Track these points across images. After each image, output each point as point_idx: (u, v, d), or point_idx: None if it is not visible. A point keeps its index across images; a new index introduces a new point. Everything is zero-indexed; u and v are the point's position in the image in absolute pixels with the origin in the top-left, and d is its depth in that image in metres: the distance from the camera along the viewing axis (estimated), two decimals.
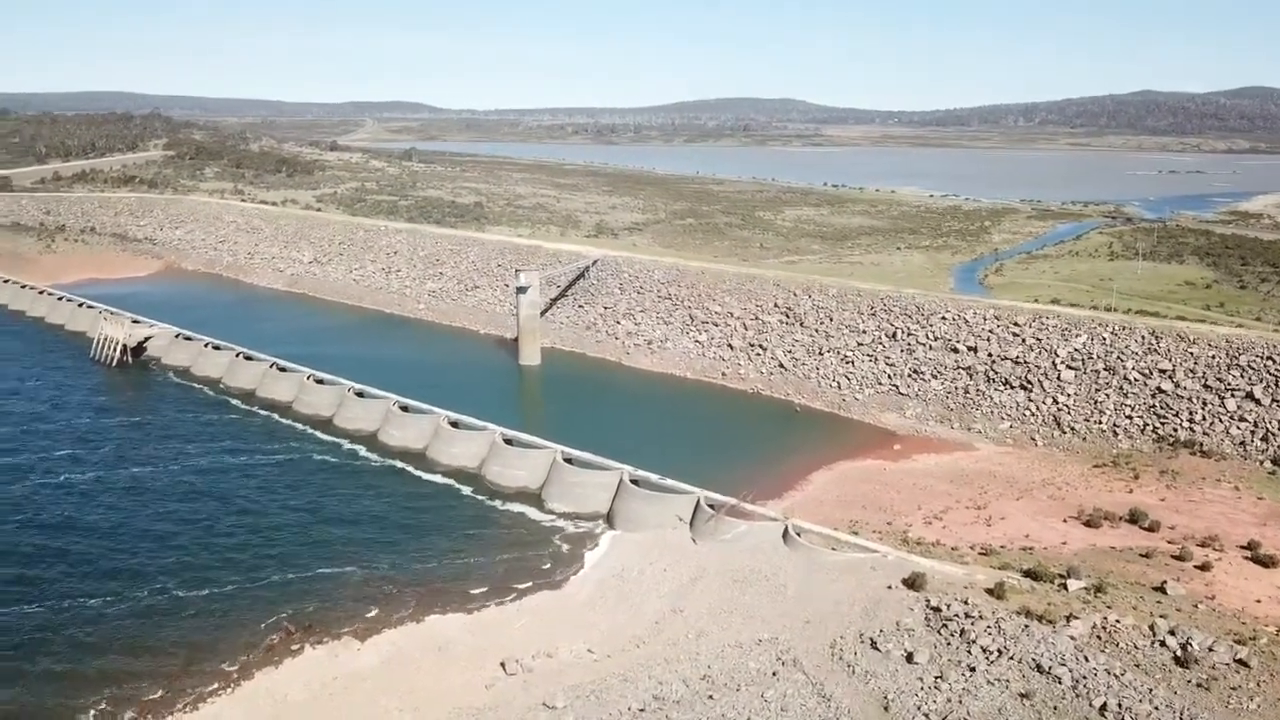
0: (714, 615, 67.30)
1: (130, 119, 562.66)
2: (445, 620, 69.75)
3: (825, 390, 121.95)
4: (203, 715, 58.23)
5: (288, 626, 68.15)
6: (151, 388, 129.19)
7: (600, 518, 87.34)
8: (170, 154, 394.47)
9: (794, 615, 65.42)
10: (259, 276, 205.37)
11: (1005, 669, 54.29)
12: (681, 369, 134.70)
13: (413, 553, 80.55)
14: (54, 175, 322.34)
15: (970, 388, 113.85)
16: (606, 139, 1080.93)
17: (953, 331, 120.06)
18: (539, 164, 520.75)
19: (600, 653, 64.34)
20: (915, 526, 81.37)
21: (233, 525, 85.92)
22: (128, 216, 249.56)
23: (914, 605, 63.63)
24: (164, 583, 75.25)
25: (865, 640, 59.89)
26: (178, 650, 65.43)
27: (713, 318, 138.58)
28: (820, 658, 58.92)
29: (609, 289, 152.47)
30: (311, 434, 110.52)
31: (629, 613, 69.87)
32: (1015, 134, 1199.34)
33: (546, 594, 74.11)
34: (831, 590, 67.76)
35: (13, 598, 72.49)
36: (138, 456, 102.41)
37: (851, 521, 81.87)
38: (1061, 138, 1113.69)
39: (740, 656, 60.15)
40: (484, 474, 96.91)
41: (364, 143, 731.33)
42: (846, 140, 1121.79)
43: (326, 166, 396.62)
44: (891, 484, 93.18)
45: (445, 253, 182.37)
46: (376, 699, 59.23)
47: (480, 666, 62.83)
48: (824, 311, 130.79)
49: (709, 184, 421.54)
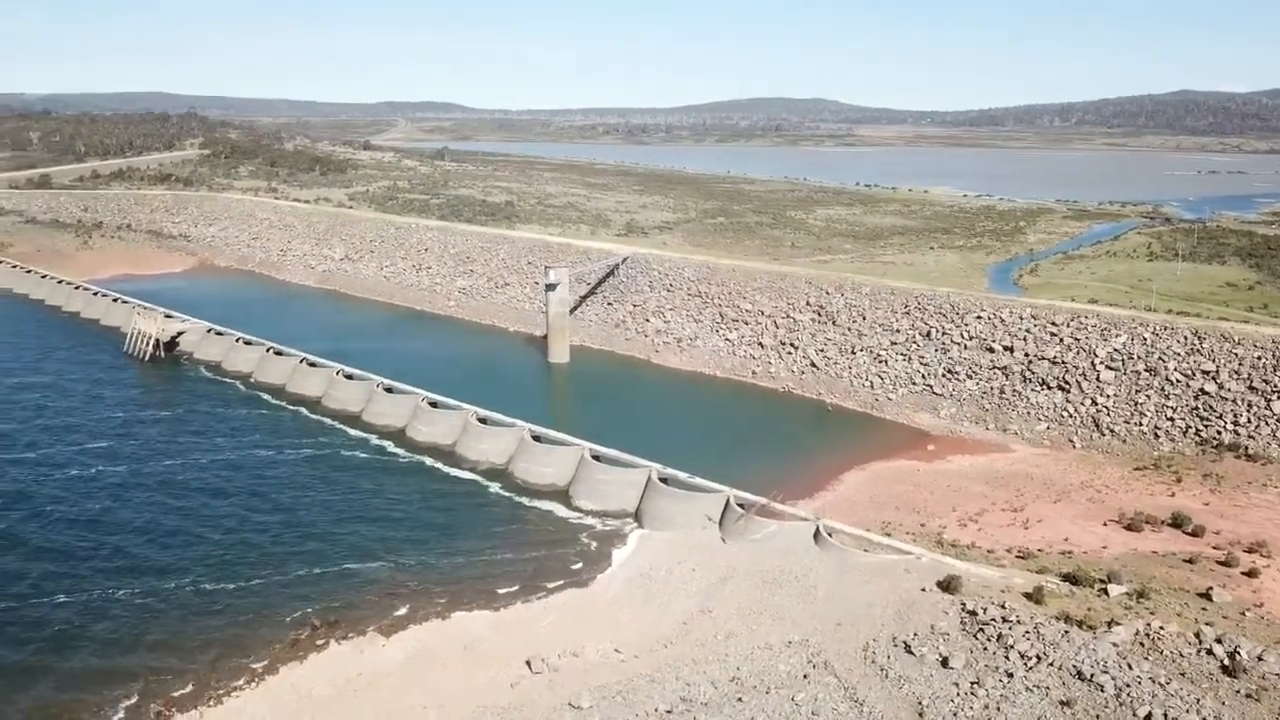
0: (743, 616, 66.08)
1: (167, 118, 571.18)
2: (471, 618, 69.05)
3: (858, 389, 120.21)
4: (228, 709, 57.86)
5: (314, 622, 67.73)
6: (183, 382, 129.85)
7: (628, 516, 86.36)
8: (206, 153, 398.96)
9: (825, 617, 64.06)
10: (291, 273, 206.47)
11: (1044, 675, 52.60)
12: (711, 367, 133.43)
13: (440, 549, 79.99)
14: (92, 173, 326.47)
15: (1006, 388, 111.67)
16: (638, 139, 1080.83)
17: (988, 331, 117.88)
18: (570, 163, 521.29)
19: (627, 653, 63.34)
20: (950, 528, 79.66)
21: (261, 520, 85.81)
22: (163, 214, 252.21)
23: (949, 609, 62.03)
24: (192, 577, 75.18)
25: (899, 644, 58.42)
26: (205, 645, 65.18)
27: (743, 315, 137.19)
28: (852, 661, 57.54)
29: (639, 287, 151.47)
30: (340, 429, 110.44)
31: (656, 612, 68.82)
32: (1051, 134, 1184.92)
33: (573, 592, 73.22)
34: (864, 592, 66.30)
35: (45, 590, 72.74)
36: (169, 450, 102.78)
37: (884, 523, 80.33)
38: (1098, 138, 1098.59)
39: (770, 658, 58.90)
40: (512, 471, 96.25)
41: (397, 142, 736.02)
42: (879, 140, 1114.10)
43: (359, 165, 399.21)
44: (925, 485, 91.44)
45: (476, 250, 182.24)
46: (401, 696, 58.59)
47: (506, 665, 62.04)
48: (857, 310, 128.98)
49: (740, 183, 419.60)
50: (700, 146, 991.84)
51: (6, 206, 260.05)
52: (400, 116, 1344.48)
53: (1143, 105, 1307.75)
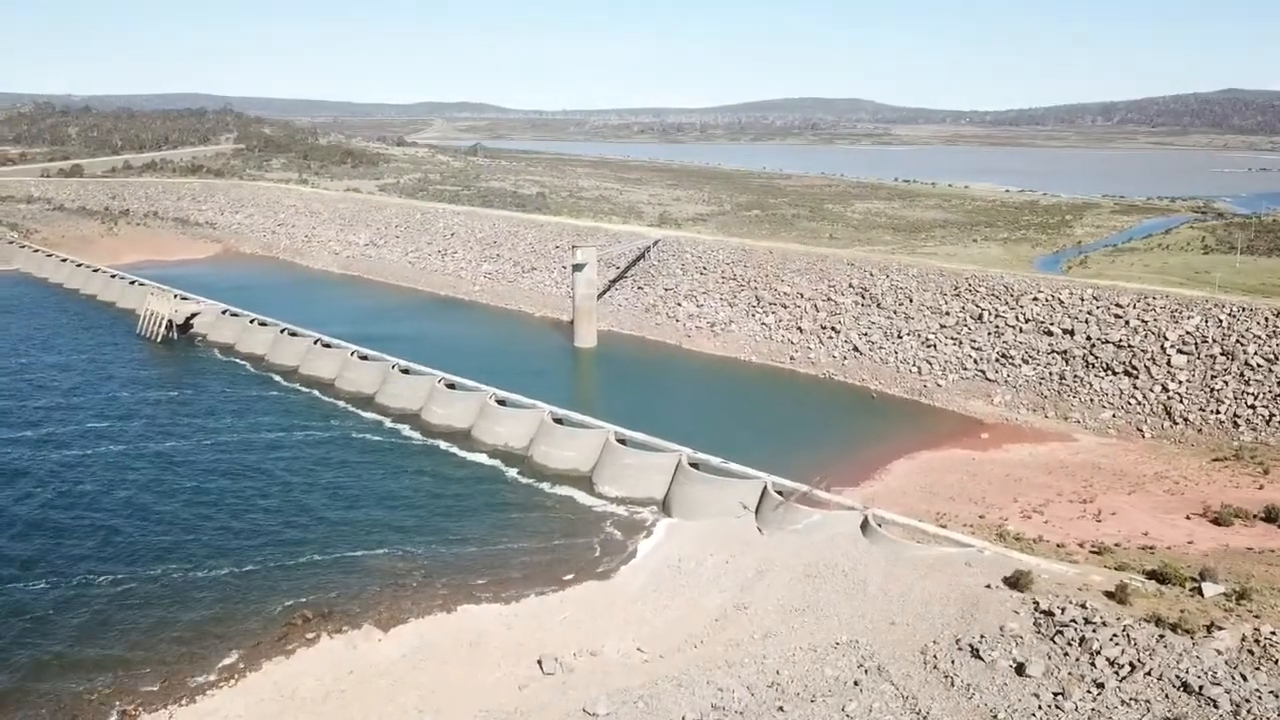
0: (783, 613, 58.65)
1: (203, 114, 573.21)
2: (479, 611, 62.20)
3: (904, 375, 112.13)
4: (200, 709, 51.38)
5: (304, 613, 61.18)
6: (194, 363, 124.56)
7: (655, 503, 79.16)
8: (240, 147, 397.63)
9: (876, 616, 56.47)
10: (314, 259, 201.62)
11: (1142, 687, 44.66)
12: (746, 352, 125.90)
13: (450, 537, 73.33)
14: (125, 165, 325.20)
15: (1066, 373, 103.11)
16: (672, 138, 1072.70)
17: (1046, 313, 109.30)
18: (603, 160, 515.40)
19: (651, 652, 56.20)
20: (1012, 520, 71.70)
21: (263, 504, 79.73)
22: (190, 201, 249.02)
23: (1019, 608, 54.21)
24: (182, 562, 69.11)
25: (963, 647, 50.70)
26: (185, 636, 58.91)
27: (781, 299, 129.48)
28: (910, 666, 49.90)
29: (670, 270, 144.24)
30: (353, 412, 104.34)
31: (685, 608, 61.59)
32: (1093, 133, 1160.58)
33: (593, 585, 66.13)
34: (920, 588, 58.61)
35: (25, 573, 66.89)
36: (171, 431, 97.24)
37: (938, 514, 72.55)
38: (1142, 137, 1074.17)
39: (814, 661, 51.41)
40: (531, 455, 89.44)
41: (432, 140, 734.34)
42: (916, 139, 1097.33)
43: (392, 159, 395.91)
44: (981, 475, 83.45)
45: (502, 235, 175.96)
46: (394, 697, 51.85)
47: (515, 663, 55.13)
48: (903, 292, 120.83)
49: (775, 178, 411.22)
50: (735, 145, 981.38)
51: (36, 194, 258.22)
52: (437, 116, 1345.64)
53: (1188, 104, 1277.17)
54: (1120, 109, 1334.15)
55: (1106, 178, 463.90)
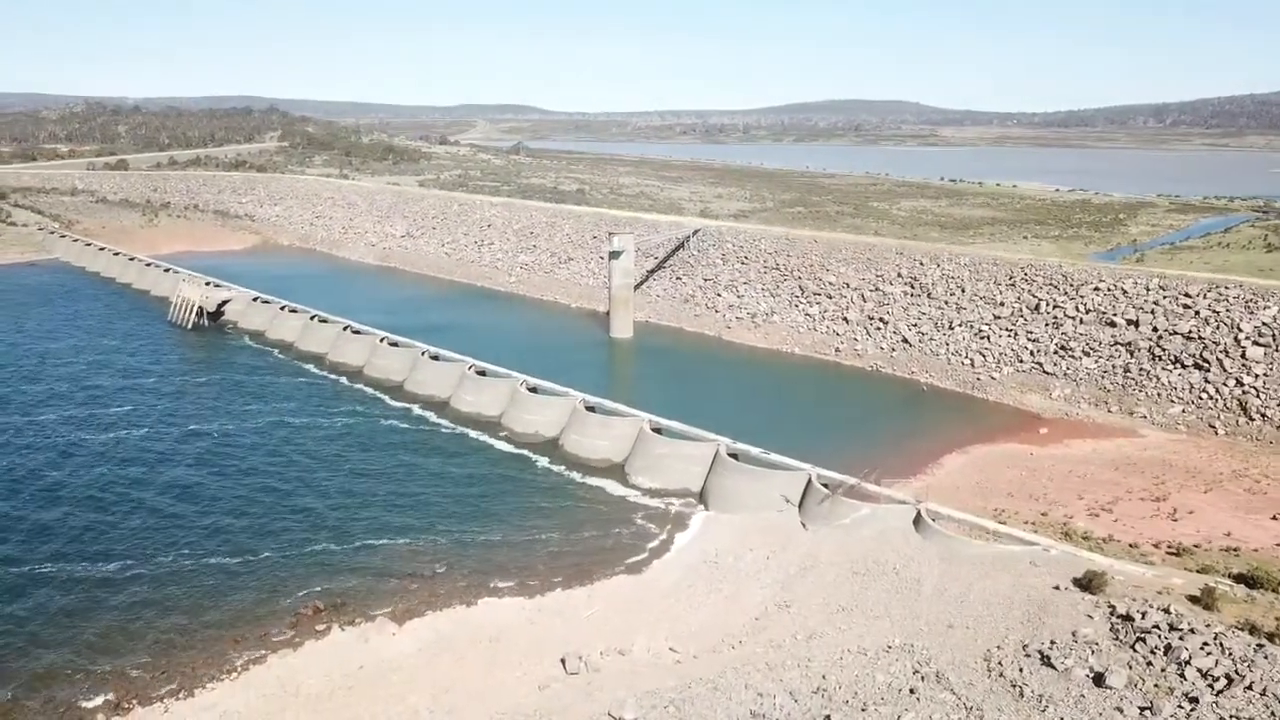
0: (829, 613, 53.82)
1: (249, 113, 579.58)
2: (501, 605, 58.08)
3: (956, 368, 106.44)
4: (198, 703, 47.73)
5: (316, 604, 57.45)
6: (223, 350, 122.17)
7: (691, 495, 74.61)
8: (283, 145, 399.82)
9: (932, 617, 51.43)
10: (350, 250, 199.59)
11: (1243, 702, 39.29)
12: (789, 344, 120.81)
13: (474, 527, 69.34)
14: (169, 161, 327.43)
15: (1131, 366, 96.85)
16: (714, 139, 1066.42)
17: (1108, 303, 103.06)
18: (644, 160, 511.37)
19: (685, 652, 51.70)
20: (1078, 518, 66.18)
21: (282, 490, 76.35)
22: (230, 194, 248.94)
23: (1093, 611, 48.90)
24: (196, 547, 65.90)
25: (1032, 653, 45.55)
26: (190, 623, 55.49)
27: (826, 289, 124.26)
28: (972, 673, 44.85)
29: (710, 260, 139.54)
30: (380, 399, 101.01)
31: (722, 606, 57.00)
32: (1144, 135, 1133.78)
33: (623, 580, 61.74)
34: (980, 589, 53.48)
35: (28, 559, 63.92)
36: (196, 416, 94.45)
37: (996, 510, 67.24)
38: (1195, 138, 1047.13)
39: (865, 665, 46.52)
40: (562, 444, 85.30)
41: (474, 140, 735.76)
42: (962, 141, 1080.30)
43: (433, 157, 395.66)
44: (1041, 470, 77.79)
45: (540, 225, 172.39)
46: (405, 695, 47.81)
47: (536, 662, 50.90)
48: (955, 281, 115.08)
49: (819, 177, 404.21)
50: (778, 146, 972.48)
51: (80, 187, 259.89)
52: (479, 118, 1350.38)
53: (1244, 105, 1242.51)
54: (1173, 110, 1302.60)
55: (1160, 178, 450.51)
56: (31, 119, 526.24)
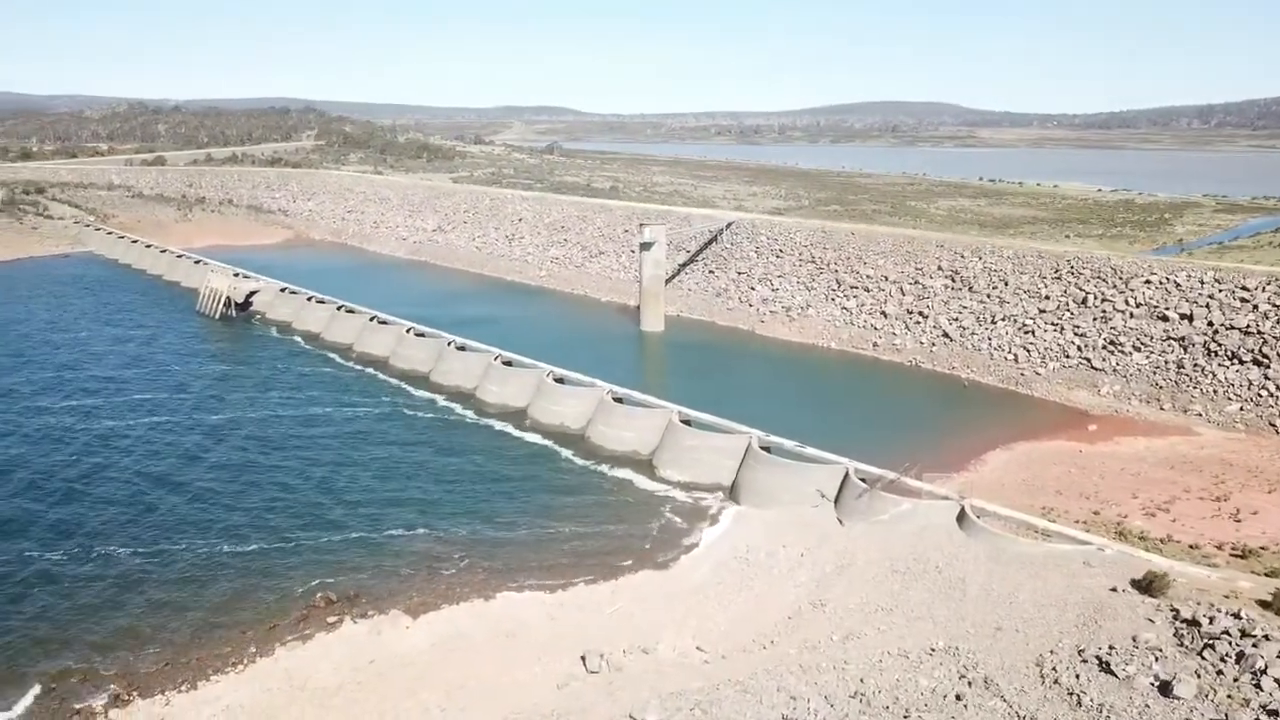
0: (867, 613, 50.59)
1: (286, 113, 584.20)
2: (520, 599, 55.45)
3: (999, 363, 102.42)
4: (200, 696, 45.52)
5: (328, 595, 55.16)
6: (249, 339, 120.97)
7: (722, 489, 71.58)
8: (320, 143, 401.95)
9: (978, 619, 48.03)
10: (381, 245, 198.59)
11: None
12: (825, 339, 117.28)
13: (496, 520, 66.84)
14: (206, 158, 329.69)
15: (1185, 362, 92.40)
16: (750, 139, 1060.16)
17: (1160, 297, 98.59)
18: (678, 159, 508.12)
19: (713, 652, 48.74)
20: (1132, 518, 62.35)
21: (302, 479, 74.38)
22: (264, 190, 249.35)
23: (1154, 615, 45.32)
24: (213, 535, 64.07)
25: (1089, 659, 42.07)
26: (199, 613, 53.44)
27: (863, 282, 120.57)
28: (1023, 679, 41.47)
29: (744, 253, 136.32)
30: (406, 389, 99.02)
31: (753, 604, 53.96)
32: (1188, 136, 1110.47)
33: (649, 575, 58.87)
34: (1030, 589, 49.99)
35: (50, 540, 62.58)
36: (218, 405, 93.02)
37: (1044, 508, 63.60)
38: (1242, 139, 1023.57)
39: (906, 669, 43.26)
40: (588, 435, 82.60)
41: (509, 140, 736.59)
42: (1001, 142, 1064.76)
43: (468, 155, 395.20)
44: (1091, 468, 73.84)
45: (571, 219, 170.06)
46: (417, 691, 45.29)
47: (555, 659, 48.17)
48: (997, 274, 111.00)
49: (855, 177, 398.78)
50: (814, 146, 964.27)
51: (116, 182, 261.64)
52: (515, 119, 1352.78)
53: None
54: (1218, 111, 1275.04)
55: (1206, 178, 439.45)
56: (75, 119, 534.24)
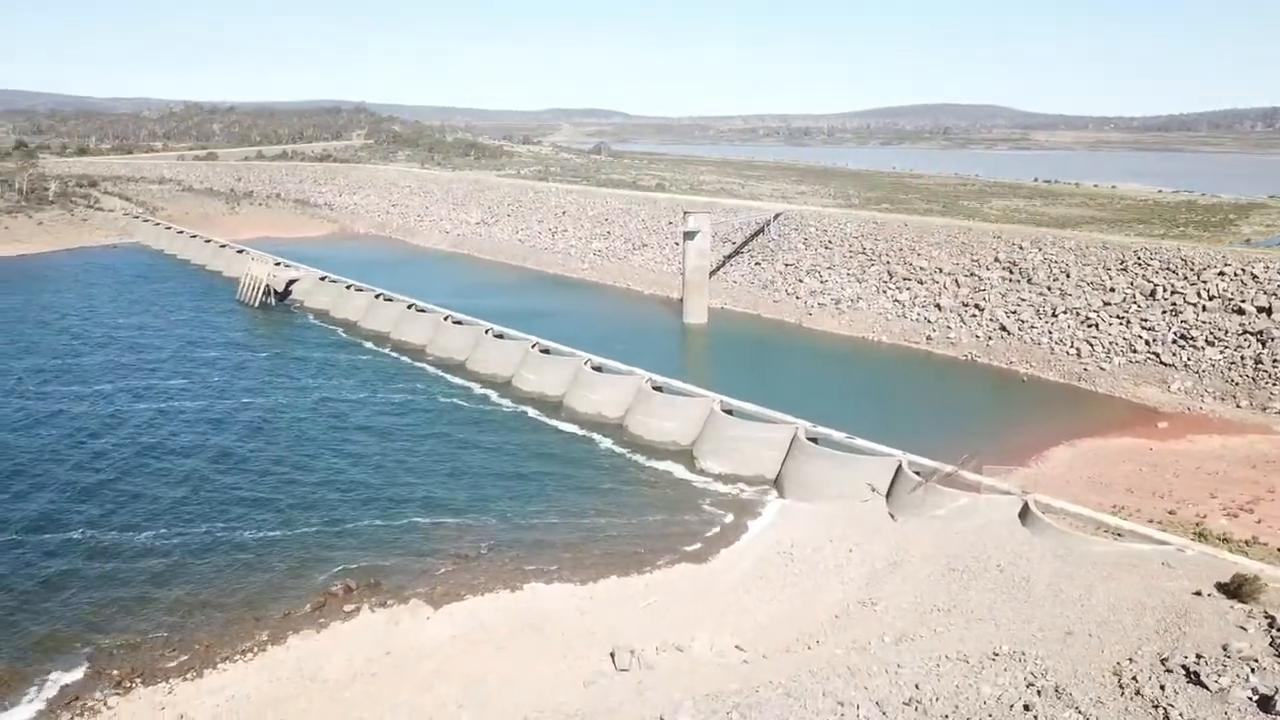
0: (922, 613, 46.52)
1: (338, 112, 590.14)
2: (548, 591, 52.22)
3: (1060, 358, 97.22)
4: (206, 685, 42.90)
5: (348, 582, 52.41)
6: (286, 327, 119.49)
7: (765, 482, 67.80)
8: (369, 142, 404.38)
9: (1046, 622, 43.75)
10: (424, 238, 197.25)
11: None
12: (876, 332, 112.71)
13: (527, 509, 63.79)
14: (257, 155, 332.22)
15: (1264, 357, 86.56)
16: (798, 141, 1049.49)
17: (1235, 289, 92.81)
18: (726, 160, 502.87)
19: (753, 652, 45.03)
20: (1212, 518, 57.49)
21: (331, 465, 72.06)
22: (311, 184, 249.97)
23: (1246, 622, 40.74)
24: (235, 520, 61.82)
25: (1174, 669, 37.69)
26: (212, 598, 51.03)
27: (916, 274, 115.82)
28: (1100, 689, 37.21)
29: (792, 245, 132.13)
30: (442, 377, 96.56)
31: (798, 601, 50.14)
32: (1252, 139, 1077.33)
33: (686, 569, 55.31)
34: (1103, 591, 45.57)
35: (68, 524, 60.62)
36: (253, 392, 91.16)
37: (1115, 506, 58.99)
38: None
39: (967, 675, 39.18)
40: (626, 425, 79.29)
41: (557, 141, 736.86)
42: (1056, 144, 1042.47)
43: (515, 155, 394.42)
44: (1165, 467, 68.83)
45: (615, 212, 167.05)
46: (433, 685, 42.21)
47: (583, 655, 44.83)
48: (1058, 266, 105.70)
49: (905, 177, 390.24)
50: (864, 148, 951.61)
51: (167, 176, 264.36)
52: (563, 122, 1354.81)
53: None
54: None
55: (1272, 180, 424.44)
56: (134, 119, 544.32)
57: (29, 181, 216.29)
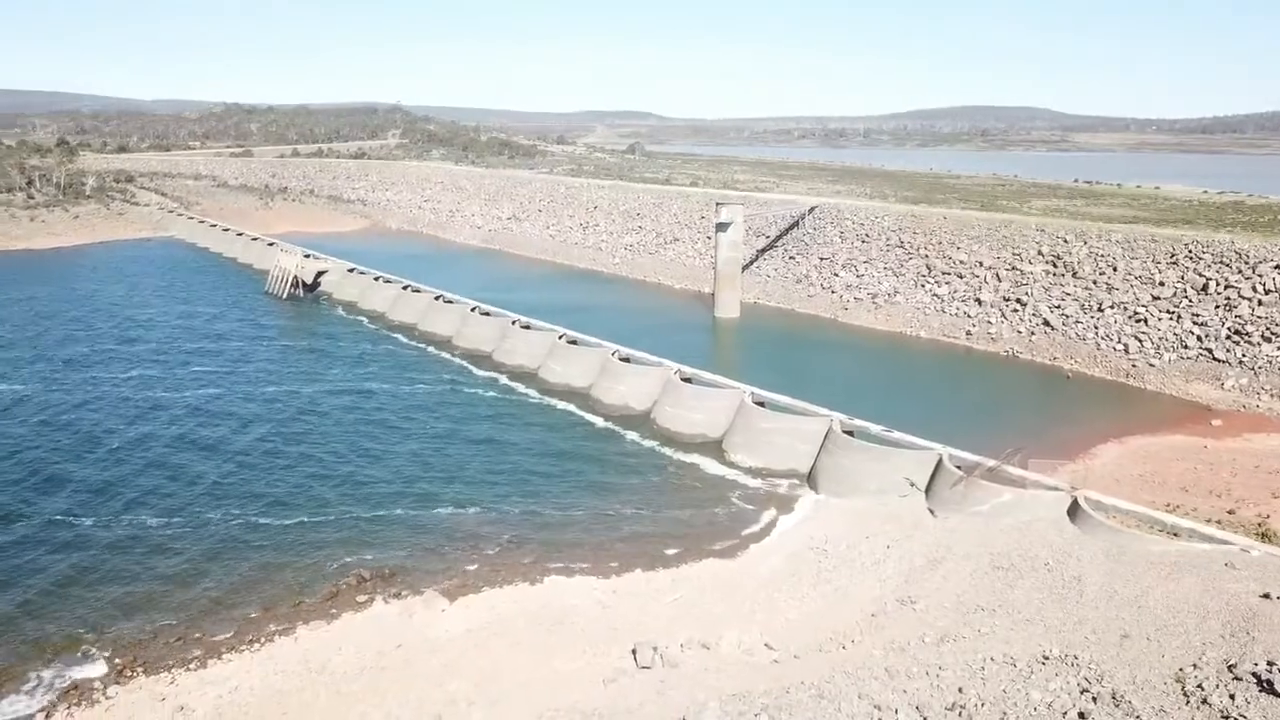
0: (965, 613, 43.69)
1: (374, 112, 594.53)
2: (569, 585, 49.94)
3: (1107, 354, 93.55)
4: (208, 676, 41.04)
5: (361, 572, 50.48)
6: (313, 319, 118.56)
7: (798, 476, 65.07)
8: (404, 141, 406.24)
9: (1099, 624, 40.79)
10: (455, 233, 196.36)
11: None
12: (914, 327, 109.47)
13: (551, 501, 61.63)
14: (293, 152, 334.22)
15: None
16: (834, 143, 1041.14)
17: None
18: (761, 160, 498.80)
19: (783, 651, 42.47)
20: (1276, 518, 53.94)
21: (352, 455, 70.32)
22: (344, 180, 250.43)
23: None
24: (253, 507, 60.17)
25: (1243, 676, 34.66)
26: (222, 587, 49.26)
27: (956, 268, 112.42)
28: (1162, 696, 34.27)
29: (827, 238, 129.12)
30: (467, 368, 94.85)
31: (831, 599, 47.49)
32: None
33: (715, 564, 52.80)
34: (1162, 593, 42.51)
35: (81, 508, 59.41)
36: (275, 380, 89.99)
37: (1168, 504, 55.66)
38: None
39: (1014, 679, 36.36)
40: (654, 416, 76.86)
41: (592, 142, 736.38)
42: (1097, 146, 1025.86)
43: (549, 154, 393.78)
44: (1221, 465, 65.29)
45: (647, 206, 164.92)
46: (444, 681, 40.07)
47: (603, 651, 42.50)
48: (1105, 260, 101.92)
49: (943, 177, 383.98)
50: (901, 150, 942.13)
51: (203, 172, 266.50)
52: (598, 123, 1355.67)
53: None
54: None
55: None
56: (174, 119, 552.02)
57: (67, 176, 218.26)
